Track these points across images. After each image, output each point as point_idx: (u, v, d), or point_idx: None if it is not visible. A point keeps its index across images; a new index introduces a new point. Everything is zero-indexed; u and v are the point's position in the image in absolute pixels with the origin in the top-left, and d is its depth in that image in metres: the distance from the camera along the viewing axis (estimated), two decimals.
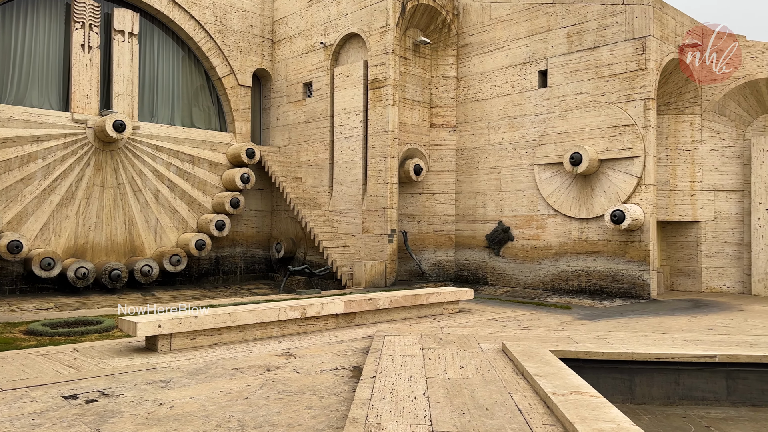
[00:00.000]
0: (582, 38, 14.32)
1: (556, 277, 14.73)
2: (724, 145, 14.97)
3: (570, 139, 14.41)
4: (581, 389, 5.18)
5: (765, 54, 14.04)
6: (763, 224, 14.27)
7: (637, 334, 8.47)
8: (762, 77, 14.08)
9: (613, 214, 13.15)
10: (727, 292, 14.78)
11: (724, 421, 6.19)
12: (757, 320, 10.19)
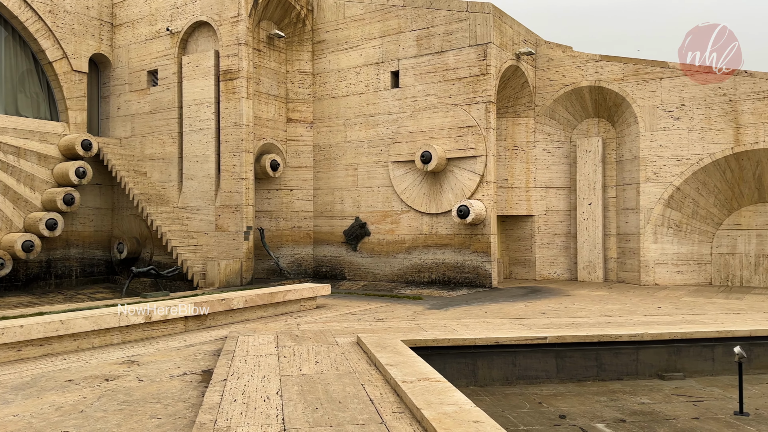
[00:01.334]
0: (430, 42, 15.00)
1: (410, 270, 15.33)
2: (554, 146, 16.53)
3: (421, 138, 15.04)
4: (429, 376, 5.43)
5: (588, 64, 15.72)
6: (587, 218, 16.00)
7: (479, 320, 9.08)
8: (585, 85, 15.75)
9: (459, 209, 13.96)
10: (557, 279, 16.37)
11: (554, 397, 6.84)
12: (582, 303, 11.40)
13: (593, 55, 15.73)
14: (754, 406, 6.38)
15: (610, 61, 15.43)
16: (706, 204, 14.83)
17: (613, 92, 15.37)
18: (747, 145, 13.79)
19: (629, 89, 15.13)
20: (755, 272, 14.56)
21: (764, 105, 13.64)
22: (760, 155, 13.78)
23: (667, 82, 14.73)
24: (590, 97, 15.89)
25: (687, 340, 7.83)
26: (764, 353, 7.98)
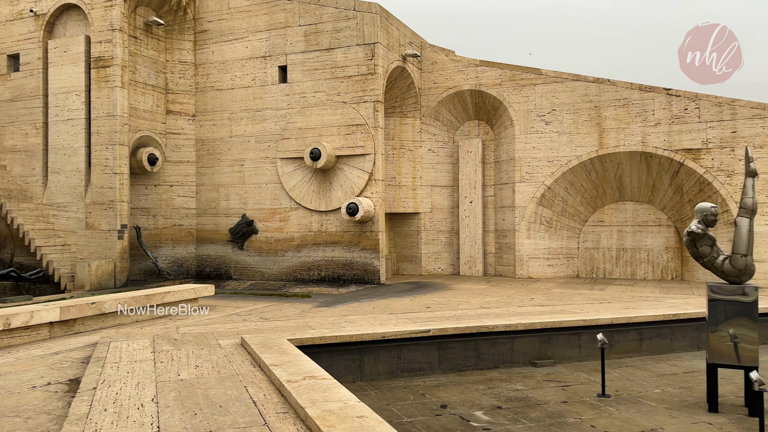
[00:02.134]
0: (318, 38, 14.93)
1: (299, 268, 15.17)
2: (439, 146, 17.11)
3: (310, 134, 14.93)
4: (314, 374, 5.40)
5: (469, 68, 16.41)
6: (468, 215, 16.71)
7: (367, 316, 9.18)
8: (467, 89, 16.43)
9: (348, 206, 14.04)
10: (442, 274, 16.96)
11: (436, 388, 7.07)
12: (463, 297, 11.89)
13: (474, 60, 16.44)
14: (615, 388, 6.99)
15: (489, 67, 16.21)
16: (574, 202, 16.04)
17: (491, 96, 16.17)
18: (609, 148, 15.09)
19: (506, 94, 15.99)
20: (616, 265, 15.98)
21: (624, 112, 14.99)
22: (620, 158, 15.13)
23: (540, 88, 15.75)
24: (471, 100, 16.61)
25: (556, 329, 8.42)
26: (623, 339, 8.77)
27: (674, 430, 5.54)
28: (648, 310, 9.33)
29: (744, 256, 6.23)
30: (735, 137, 13.94)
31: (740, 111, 13.96)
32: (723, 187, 13.95)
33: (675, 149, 14.47)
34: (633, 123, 14.86)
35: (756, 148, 13.71)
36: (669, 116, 14.55)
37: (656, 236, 15.57)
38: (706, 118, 14.23)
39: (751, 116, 13.85)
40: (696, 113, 14.31)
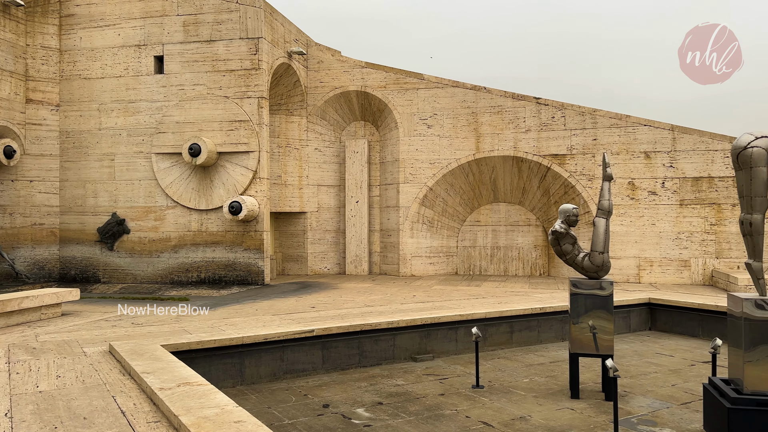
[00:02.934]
0: (198, 29, 14.34)
1: (176, 270, 14.47)
2: (326, 145, 17.09)
3: (189, 129, 14.29)
4: (190, 380, 5.18)
5: (355, 69, 16.54)
6: (355, 214, 16.85)
7: (249, 318, 8.96)
8: (353, 89, 16.56)
9: (231, 205, 13.61)
10: (328, 274, 16.96)
11: (319, 387, 7.06)
12: (348, 296, 11.97)
13: (359, 61, 16.62)
14: (488, 379, 7.38)
15: (374, 69, 16.46)
16: (454, 203, 16.72)
17: (377, 98, 16.42)
18: (485, 152, 15.89)
19: (391, 96, 16.32)
20: (491, 262, 16.87)
21: (499, 118, 15.85)
22: (495, 161, 15.98)
23: (422, 92, 16.24)
24: (357, 101, 16.77)
25: (436, 324, 8.73)
26: (496, 332, 9.27)
27: (541, 416, 5.94)
28: (518, 305, 9.94)
29: (601, 253, 6.82)
30: (596, 144, 15.24)
31: (600, 120, 15.29)
32: (585, 190, 15.19)
33: (543, 154, 15.54)
34: (506, 129, 15.76)
35: (613, 155, 15.07)
36: (538, 123, 15.60)
37: (526, 235, 16.64)
38: (570, 126, 15.43)
39: (610, 125, 15.21)
40: (562, 121, 15.47)
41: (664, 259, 14.74)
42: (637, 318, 10.74)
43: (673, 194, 14.74)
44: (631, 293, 11.63)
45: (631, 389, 6.90)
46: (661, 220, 14.79)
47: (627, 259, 14.91)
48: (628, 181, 15.00)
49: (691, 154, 14.66)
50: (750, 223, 5.18)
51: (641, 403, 6.38)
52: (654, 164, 14.86)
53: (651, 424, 5.67)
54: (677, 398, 6.52)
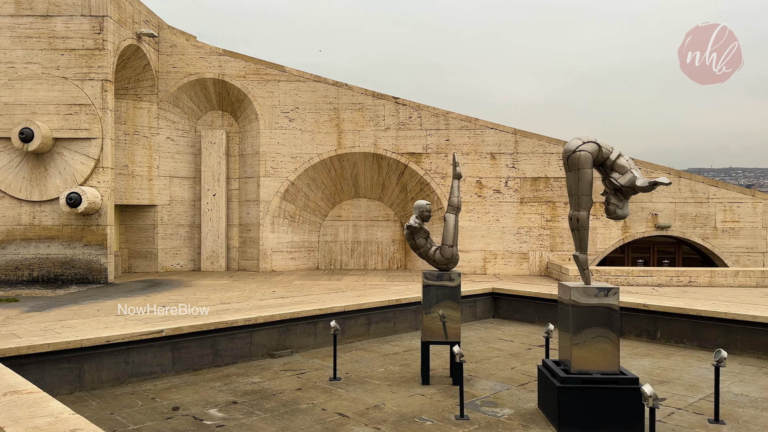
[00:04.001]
0: (33, 2, 12.91)
1: (3, 268, 12.94)
2: (179, 134, 16.23)
3: (20, 112, 12.83)
4: (18, 388, 4.67)
5: (212, 56, 15.89)
6: (211, 208, 16.21)
7: (90, 319, 8.27)
8: (210, 77, 15.89)
9: (70, 196, 12.46)
10: (181, 271, 16.15)
11: (168, 390, 6.70)
12: (203, 293, 11.51)
13: (217, 48, 16.00)
14: (345, 370, 7.49)
15: (233, 57, 15.94)
16: (316, 198, 16.74)
17: (236, 88, 15.93)
18: (347, 148, 16.09)
19: (251, 87, 15.92)
20: (351, 256, 17.14)
21: (360, 115, 16.12)
22: (356, 158, 16.25)
23: (284, 85, 16.04)
24: (215, 89, 16.13)
25: (295, 320, 8.68)
26: (355, 325, 9.44)
27: (394, 404, 6.16)
28: (376, 297, 10.21)
29: (451, 246, 7.21)
30: (448, 144, 16.09)
31: (453, 122, 16.16)
32: (439, 188, 15.98)
33: (401, 152, 16.09)
34: (367, 126, 16.09)
35: (464, 155, 16.01)
36: (397, 122, 16.12)
37: (385, 230, 17.14)
38: (426, 127, 16.13)
39: (461, 127, 16.13)
40: (419, 121, 16.13)
41: (506, 252, 15.97)
42: (483, 307, 11.53)
43: (515, 193, 16.01)
44: (478, 284, 12.45)
45: (476, 373, 7.40)
46: (505, 217, 16.00)
47: (474, 252, 15.94)
48: (476, 180, 16.02)
49: (531, 157, 16.02)
50: (577, 219, 5.78)
51: (485, 386, 6.86)
52: (499, 165, 16.03)
53: (493, 405, 6.13)
54: (516, 380, 7.11)
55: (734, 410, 5.94)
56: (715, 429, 5.42)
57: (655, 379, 7.10)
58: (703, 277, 13.55)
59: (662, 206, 16.06)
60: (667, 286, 13.24)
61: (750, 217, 15.98)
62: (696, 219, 16.07)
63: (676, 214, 16.08)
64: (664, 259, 16.96)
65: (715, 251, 16.06)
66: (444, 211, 15.88)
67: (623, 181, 5.66)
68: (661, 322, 9.38)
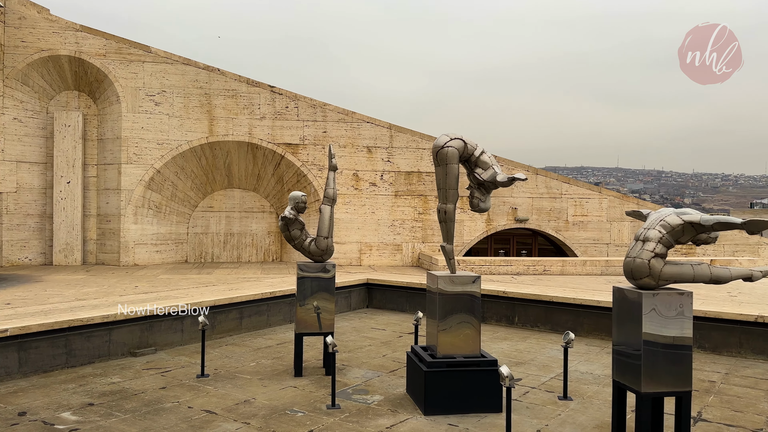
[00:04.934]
0: None
1: None
2: (29, 115, 14.71)
3: None
4: None
5: (68, 32, 14.55)
6: (65, 197, 14.88)
7: None
8: (65, 54, 14.54)
9: None
10: (29, 265, 14.68)
11: (14, 394, 6.09)
12: (56, 289, 10.55)
13: (74, 23, 14.68)
14: (214, 366, 7.25)
15: (92, 34, 14.72)
16: (185, 187, 15.97)
17: (95, 67, 14.72)
18: (219, 136, 15.51)
19: (112, 67, 14.80)
20: (224, 249, 16.59)
21: (233, 102, 15.61)
22: (229, 146, 15.72)
23: (149, 66, 15.09)
24: (70, 68, 14.80)
25: (159, 316, 8.24)
26: (226, 319, 9.16)
27: (265, 398, 6.07)
28: (249, 290, 9.98)
29: (326, 238, 7.24)
30: (326, 136, 16.08)
31: (330, 114, 16.17)
32: (316, 179, 15.94)
33: (278, 143, 15.83)
34: (241, 114, 15.62)
35: (341, 148, 16.09)
36: (273, 112, 15.81)
37: (260, 222, 16.78)
38: (303, 117, 15.99)
39: (338, 120, 16.19)
40: (296, 112, 15.94)
41: (381, 244, 16.33)
42: (357, 297, 11.71)
43: (390, 186, 16.40)
44: (353, 275, 12.62)
45: (348, 362, 7.50)
46: (380, 209, 16.34)
47: (351, 244, 16.12)
48: (353, 173, 16.19)
49: (405, 151, 16.48)
50: (444, 212, 6.05)
51: (357, 374, 6.98)
52: (375, 158, 16.31)
53: (364, 393, 6.25)
54: (387, 367, 7.31)
55: (580, 387, 6.56)
56: (563, 405, 5.94)
57: (513, 361, 7.64)
58: (556, 266, 14.77)
59: (521, 201, 17.27)
60: (524, 274, 14.27)
61: (597, 211, 17.67)
62: (550, 213, 17.47)
63: (533, 209, 17.36)
64: (522, 250, 18.27)
65: (566, 242, 17.57)
66: (321, 203, 15.90)
67: (486, 176, 6.01)
68: (519, 308, 10.11)
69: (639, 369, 4.66)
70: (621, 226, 17.62)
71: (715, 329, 8.20)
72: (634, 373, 4.73)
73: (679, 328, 4.69)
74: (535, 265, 14.67)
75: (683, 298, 4.70)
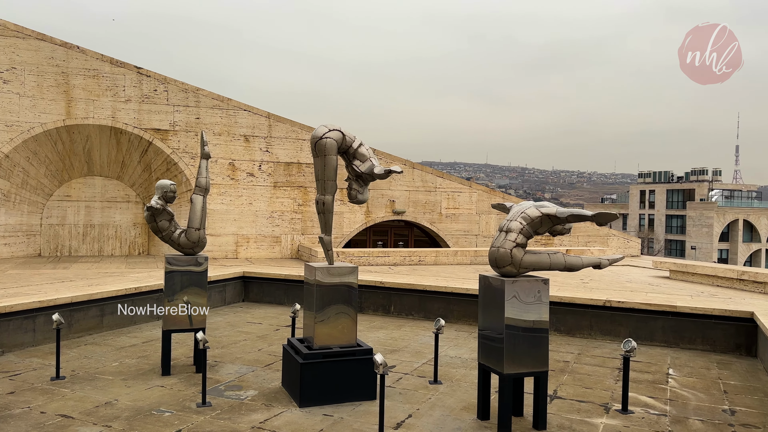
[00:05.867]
0: None
1: None
2: None
3: None
4: None
5: None
6: None
7: None
8: None
9: None
10: None
11: None
12: None
13: None
14: (72, 368, 6.68)
15: None
16: (38, 174, 14.53)
17: None
18: (78, 119, 14.27)
19: None
20: (83, 242, 15.33)
21: (94, 83, 14.42)
22: (90, 130, 14.51)
23: None
24: None
25: (6, 314, 7.45)
26: (84, 317, 8.48)
27: (128, 399, 5.70)
28: (111, 286, 9.32)
29: (197, 229, 6.92)
30: (199, 123, 15.38)
31: (203, 100, 15.48)
32: (188, 168, 15.20)
33: (145, 128, 14.88)
34: (104, 96, 14.49)
35: (216, 136, 15.48)
36: (140, 95, 14.83)
37: (125, 212, 15.71)
38: (174, 102, 15.16)
39: (213, 106, 15.55)
40: (165, 96, 15.07)
41: (259, 236, 15.97)
42: (233, 291, 11.36)
43: (269, 176, 16.07)
44: (229, 268, 12.22)
45: (221, 359, 7.26)
46: (258, 200, 15.96)
47: (227, 236, 15.60)
48: (229, 162, 15.65)
49: (284, 142, 16.23)
50: (323, 203, 6.03)
51: (230, 370, 6.77)
52: (252, 148, 15.89)
53: (237, 389, 6.08)
54: (262, 361, 7.17)
55: (450, 371, 6.86)
56: (434, 389, 6.19)
57: (388, 349, 7.83)
58: (430, 256, 15.34)
59: (399, 194, 17.71)
60: (401, 265, 14.67)
61: (467, 204, 18.58)
62: (426, 206, 18.09)
63: (410, 201, 17.88)
64: (399, 241, 18.77)
65: (440, 234, 18.30)
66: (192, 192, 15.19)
67: (363, 168, 6.07)
68: (395, 297, 10.37)
69: (502, 352, 4.97)
70: (489, 219, 18.67)
71: (570, 313, 8.96)
72: (497, 356, 5.03)
73: (538, 312, 5.05)
74: (411, 256, 15.13)
75: (541, 284, 5.07)
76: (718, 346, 8.07)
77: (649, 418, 5.45)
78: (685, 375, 6.94)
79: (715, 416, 5.53)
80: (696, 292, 10.80)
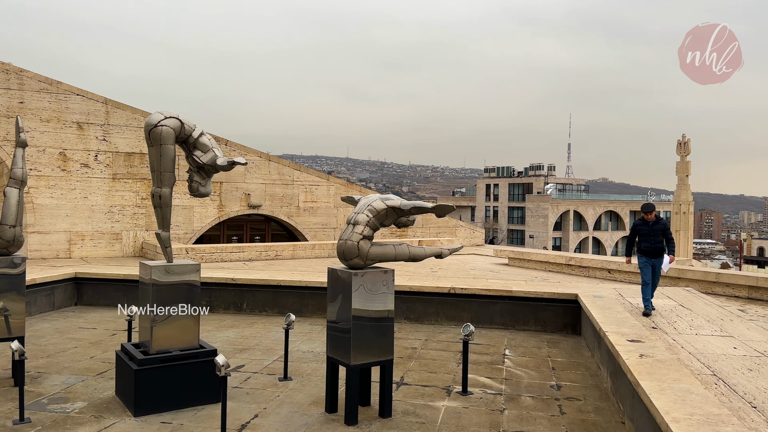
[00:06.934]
0: None
1: None
2: None
3: None
4: None
5: None
6: None
7: None
8: None
9: None
10: None
11: None
12: None
13: None
14: None
15: None
16: None
17: None
18: None
19: None
20: None
21: None
22: None
23: None
24: None
25: None
26: None
27: None
28: None
29: (13, 227, 6.14)
30: (23, 108, 13.72)
31: (29, 82, 13.84)
32: (9, 158, 13.51)
33: None
34: None
35: (44, 122, 13.91)
36: None
37: None
38: None
39: (39, 89, 13.94)
40: None
41: (96, 233, 14.66)
42: (63, 294, 10.29)
43: (107, 168, 14.79)
44: (58, 269, 11.06)
45: (46, 369, 6.52)
46: (94, 194, 14.63)
47: (57, 233, 14.13)
48: (59, 152, 14.17)
49: (125, 130, 15.02)
50: (159, 196, 5.62)
51: (55, 381, 6.10)
52: (87, 136, 14.52)
53: (63, 401, 5.48)
54: (94, 369, 6.55)
55: (301, 366, 6.77)
56: (283, 386, 6.06)
57: (238, 348, 7.55)
58: (287, 250, 15.12)
59: (255, 187, 17.23)
60: (257, 260, 14.29)
61: (325, 198, 18.58)
62: (283, 199, 17.79)
63: (267, 195, 17.48)
64: (255, 236, 18.29)
65: (298, 227, 18.12)
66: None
67: (205, 159, 5.75)
68: (248, 294, 10.05)
69: (349, 343, 4.98)
70: (346, 212, 18.83)
71: (419, 301, 9.29)
72: (345, 348, 5.04)
73: (384, 302, 5.13)
74: (268, 251, 14.80)
75: (386, 275, 5.16)
76: (549, 326, 8.83)
77: (486, 398, 5.79)
78: (519, 354, 7.50)
79: (544, 392, 6.01)
80: (530, 277, 11.75)
